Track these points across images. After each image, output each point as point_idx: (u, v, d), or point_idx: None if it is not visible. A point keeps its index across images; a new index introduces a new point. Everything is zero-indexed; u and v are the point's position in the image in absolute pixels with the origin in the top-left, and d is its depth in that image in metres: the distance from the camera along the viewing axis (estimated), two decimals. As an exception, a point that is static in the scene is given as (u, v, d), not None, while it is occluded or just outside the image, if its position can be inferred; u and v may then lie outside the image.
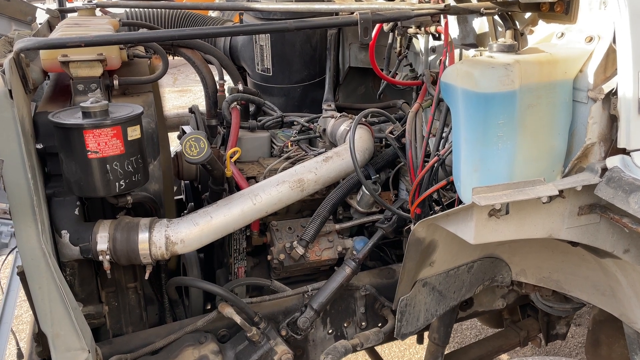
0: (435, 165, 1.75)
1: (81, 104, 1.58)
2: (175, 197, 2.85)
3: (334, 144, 2.45)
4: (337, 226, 2.33)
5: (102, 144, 1.58)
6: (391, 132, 2.01)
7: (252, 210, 1.92)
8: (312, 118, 2.62)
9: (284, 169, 2.29)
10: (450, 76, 1.55)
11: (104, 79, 1.88)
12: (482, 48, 1.93)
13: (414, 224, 1.93)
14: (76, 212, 1.80)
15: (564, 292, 2.23)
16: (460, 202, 1.89)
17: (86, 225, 1.80)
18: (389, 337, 2.29)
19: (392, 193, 2.42)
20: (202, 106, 2.79)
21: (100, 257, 1.77)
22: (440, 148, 1.83)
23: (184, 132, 2.86)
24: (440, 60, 1.95)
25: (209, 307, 2.57)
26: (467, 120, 1.50)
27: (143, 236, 1.78)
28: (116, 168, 1.62)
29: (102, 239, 1.76)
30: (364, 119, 2.35)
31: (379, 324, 2.39)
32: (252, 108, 2.80)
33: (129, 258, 1.79)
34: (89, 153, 1.57)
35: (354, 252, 2.31)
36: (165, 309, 2.19)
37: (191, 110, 2.92)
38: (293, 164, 2.33)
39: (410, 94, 2.75)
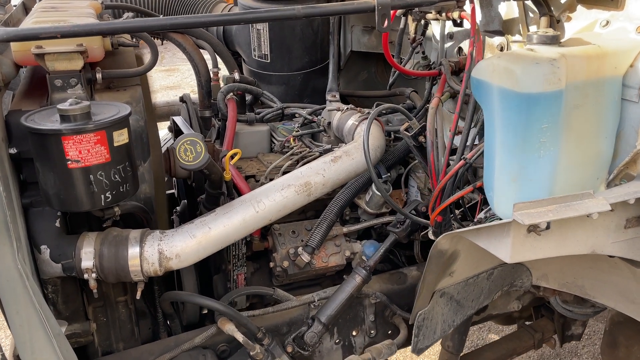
0: (461, 170, 1.56)
1: (58, 106, 1.37)
2: (167, 192, 2.64)
3: (339, 139, 2.25)
4: (345, 229, 2.14)
5: (84, 152, 1.37)
6: (407, 129, 1.81)
7: (255, 218, 1.73)
8: (315, 110, 2.41)
9: (289, 167, 2.10)
10: (484, 72, 1.35)
11: (85, 72, 1.66)
12: (509, 36, 1.73)
13: (434, 233, 1.76)
14: (57, 224, 1.60)
15: (588, 297, 2.08)
16: (485, 203, 1.71)
17: (69, 239, 1.60)
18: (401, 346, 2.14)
19: (403, 192, 2.24)
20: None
21: (86, 275, 1.58)
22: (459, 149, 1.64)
23: (174, 123, 2.64)
24: (458, 49, 1.75)
25: (205, 311, 2.40)
26: (505, 123, 1.31)
27: (133, 251, 1.59)
28: (101, 178, 1.41)
29: (87, 255, 1.57)
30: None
31: (389, 331, 2.23)
32: (248, 98, 2.58)
33: (117, 276, 1.60)
34: (69, 162, 1.37)
35: (363, 258, 2.13)
36: (159, 323, 2.01)
37: (182, 100, 2.70)
38: (297, 162, 2.13)
39: (418, 82, 2.55)
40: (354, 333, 2.17)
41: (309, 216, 2.24)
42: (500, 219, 1.59)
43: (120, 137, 1.42)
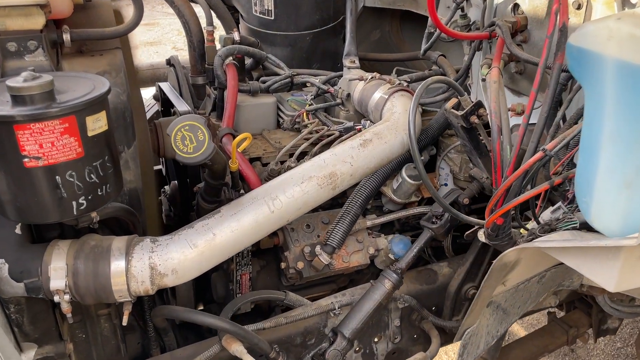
0: (537, 165, 1.22)
1: (8, 82, 0.99)
2: (154, 167, 2.25)
3: (361, 115, 1.89)
4: (369, 222, 1.81)
5: (46, 146, 1.00)
6: (455, 107, 1.46)
7: (269, 219, 1.38)
8: (331, 78, 2.03)
9: (305, 150, 1.75)
10: (592, 39, 1.00)
11: (48, 32, 1.27)
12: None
13: (488, 236, 1.43)
14: (17, 230, 1.25)
15: (648, 300, 1.81)
16: (546, 199, 1.39)
17: (33, 250, 1.24)
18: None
19: (436, 177, 1.91)
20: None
21: (57, 297, 1.23)
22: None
23: (160, 90, 2.25)
24: (514, 5, 1.39)
25: (201, 307, 2.09)
26: (623, 110, 0.97)
27: (117, 266, 1.24)
28: (72, 180, 1.05)
29: (58, 273, 1.22)
30: (404, 84, 1.79)
31: (415, 336, 1.94)
32: (247, 61, 2.19)
33: (97, 297, 1.26)
34: (27, 160, 1.00)
35: (390, 256, 1.81)
36: (150, 337, 1.68)
37: (170, 63, 2.31)
38: (314, 143, 1.78)
39: (440, 44, 2.17)
40: (375, 339, 1.88)
41: (324, 205, 1.90)
42: (577, 225, 1.27)
43: (97, 124, 1.06)
